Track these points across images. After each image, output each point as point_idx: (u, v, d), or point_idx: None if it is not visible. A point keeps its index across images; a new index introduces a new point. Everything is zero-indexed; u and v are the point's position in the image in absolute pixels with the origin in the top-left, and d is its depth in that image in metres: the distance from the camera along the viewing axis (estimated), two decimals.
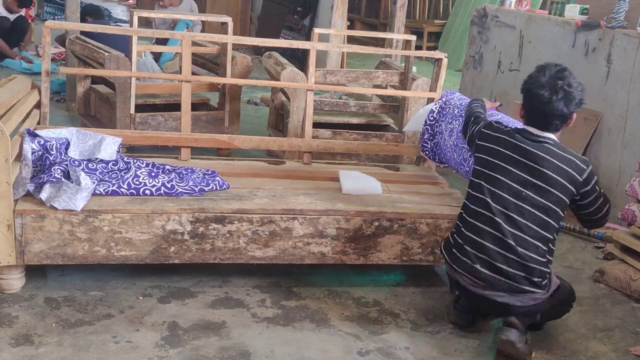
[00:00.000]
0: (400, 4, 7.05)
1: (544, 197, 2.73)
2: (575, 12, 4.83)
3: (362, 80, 4.81)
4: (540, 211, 2.73)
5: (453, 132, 3.53)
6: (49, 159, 3.06)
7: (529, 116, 2.84)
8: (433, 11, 11.98)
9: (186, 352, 2.64)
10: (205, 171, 3.38)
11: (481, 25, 5.68)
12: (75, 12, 5.72)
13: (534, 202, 2.73)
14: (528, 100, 2.82)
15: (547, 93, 2.73)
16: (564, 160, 2.74)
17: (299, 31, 9.63)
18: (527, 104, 2.83)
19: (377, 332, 2.93)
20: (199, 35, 4.13)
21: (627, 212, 3.57)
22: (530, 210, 2.73)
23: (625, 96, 4.30)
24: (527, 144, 2.78)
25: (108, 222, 2.92)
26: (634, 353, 2.95)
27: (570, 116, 2.79)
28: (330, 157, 4.45)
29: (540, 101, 2.74)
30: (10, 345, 2.58)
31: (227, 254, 3.09)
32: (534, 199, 2.73)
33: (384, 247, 3.24)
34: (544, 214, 2.74)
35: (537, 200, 2.73)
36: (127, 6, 13.62)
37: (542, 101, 2.74)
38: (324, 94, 6.19)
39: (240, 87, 5.01)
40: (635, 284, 3.46)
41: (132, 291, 3.06)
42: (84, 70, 4.77)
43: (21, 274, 2.97)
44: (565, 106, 2.74)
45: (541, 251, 2.74)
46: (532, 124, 2.83)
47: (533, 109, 2.80)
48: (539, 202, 2.73)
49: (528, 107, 2.83)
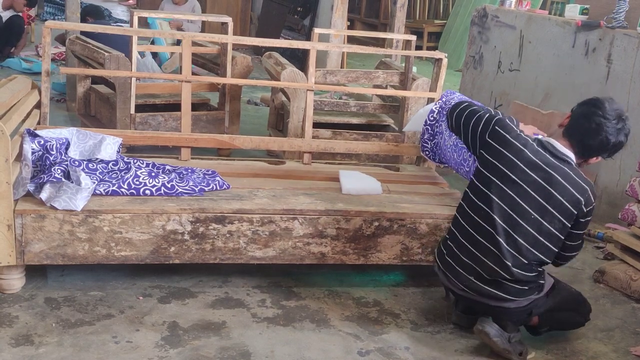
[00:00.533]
0: (401, 4, 7.05)
1: (550, 224, 2.64)
2: (576, 12, 4.83)
3: (362, 81, 4.81)
4: (544, 236, 2.65)
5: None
6: (49, 159, 3.06)
7: (574, 131, 2.72)
8: (433, 11, 11.98)
9: (186, 352, 2.64)
10: (206, 171, 3.38)
11: (481, 25, 5.68)
12: (76, 12, 5.72)
13: (540, 227, 2.64)
14: (586, 117, 2.69)
15: (615, 120, 2.65)
16: (578, 187, 2.65)
17: (299, 31, 9.63)
18: (582, 120, 2.70)
19: (377, 332, 2.93)
20: (199, 35, 4.13)
21: (627, 212, 3.57)
22: (534, 234, 2.64)
23: (626, 96, 4.30)
24: (546, 161, 2.67)
25: (108, 222, 2.92)
26: (634, 353, 2.95)
27: (609, 151, 2.72)
28: (331, 157, 4.45)
29: (601, 123, 2.65)
30: (11, 345, 2.58)
31: (227, 254, 3.09)
32: (541, 224, 2.63)
33: (384, 247, 3.24)
34: (547, 240, 2.66)
35: (544, 225, 2.64)
36: (127, 6, 13.61)
37: (604, 124, 2.65)
38: (324, 94, 6.19)
39: (240, 87, 5.01)
40: (635, 284, 3.46)
41: (132, 291, 3.06)
42: (84, 71, 4.77)
43: (21, 274, 2.97)
44: (617, 139, 2.67)
45: (535, 268, 2.70)
46: (570, 139, 2.72)
47: (585, 126, 2.68)
48: (545, 227, 2.64)
49: (582, 122, 2.70)
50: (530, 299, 2.74)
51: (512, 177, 2.68)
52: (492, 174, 2.73)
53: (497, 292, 2.70)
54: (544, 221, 2.64)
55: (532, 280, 2.71)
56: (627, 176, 4.20)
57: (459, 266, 2.77)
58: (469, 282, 2.74)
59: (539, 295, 2.76)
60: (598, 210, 4.42)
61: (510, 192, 2.67)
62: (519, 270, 2.66)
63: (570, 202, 2.63)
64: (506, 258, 2.65)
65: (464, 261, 2.75)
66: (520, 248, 2.65)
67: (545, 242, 2.66)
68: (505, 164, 2.70)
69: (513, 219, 2.66)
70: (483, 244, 2.70)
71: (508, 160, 2.70)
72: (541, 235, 2.65)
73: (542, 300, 2.79)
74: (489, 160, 2.75)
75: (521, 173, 2.67)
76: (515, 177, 2.67)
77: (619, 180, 4.32)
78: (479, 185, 2.76)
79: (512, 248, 2.66)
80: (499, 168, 2.71)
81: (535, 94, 4.98)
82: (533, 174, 2.66)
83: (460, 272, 2.76)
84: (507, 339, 2.73)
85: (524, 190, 2.66)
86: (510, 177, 2.68)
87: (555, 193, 2.63)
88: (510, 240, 2.66)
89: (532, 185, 2.65)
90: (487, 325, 2.73)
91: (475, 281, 2.72)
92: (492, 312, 2.79)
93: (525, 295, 2.71)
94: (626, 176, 4.21)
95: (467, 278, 2.74)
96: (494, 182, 2.70)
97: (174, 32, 5.56)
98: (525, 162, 2.68)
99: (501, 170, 2.70)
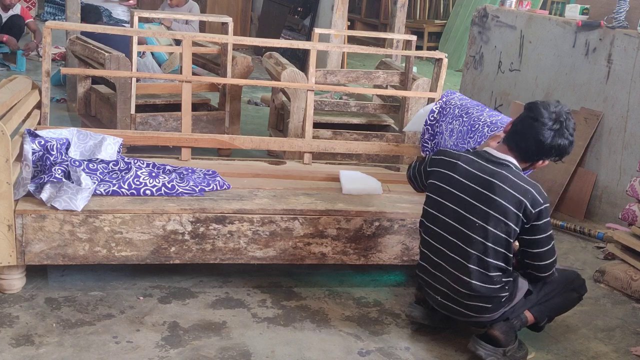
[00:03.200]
0: (401, 4, 7.05)
1: (496, 228, 2.59)
2: (576, 12, 4.83)
3: (363, 81, 4.81)
4: (492, 241, 2.60)
5: (453, 132, 3.54)
6: (49, 159, 3.06)
7: (510, 135, 2.69)
8: (433, 11, 11.98)
9: (187, 352, 2.64)
10: (206, 171, 3.38)
11: (482, 26, 5.68)
12: (76, 12, 5.73)
13: (486, 233, 2.60)
14: (521, 121, 2.67)
15: (550, 122, 2.61)
16: (519, 189, 2.60)
17: (299, 31, 9.63)
18: (517, 124, 2.68)
19: (378, 332, 2.93)
20: (199, 35, 4.14)
21: (628, 213, 3.57)
22: (482, 242, 2.61)
23: (626, 96, 4.30)
24: (482, 168, 2.66)
25: (109, 222, 2.93)
26: (634, 353, 2.95)
27: (550, 154, 2.67)
28: (331, 157, 4.45)
29: (533, 126, 2.62)
30: (11, 345, 2.58)
31: (228, 254, 3.09)
32: (487, 230, 2.60)
33: (385, 247, 3.24)
34: (496, 245, 2.61)
35: (489, 231, 2.60)
36: (127, 6, 13.61)
37: (536, 127, 2.61)
38: (324, 94, 6.19)
39: (240, 87, 5.02)
40: (635, 284, 3.45)
41: (133, 291, 3.06)
42: (85, 71, 4.77)
43: (22, 274, 2.97)
44: (554, 142, 2.62)
45: (497, 279, 2.65)
46: (508, 143, 2.69)
47: (519, 129, 2.66)
48: (491, 232, 2.60)
49: (516, 127, 2.68)
50: (501, 312, 2.73)
51: (452, 192, 2.70)
52: (435, 194, 2.77)
53: (464, 311, 2.71)
54: (489, 226, 2.61)
55: (496, 295, 2.66)
56: (627, 176, 4.20)
57: (427, 286, 2.82)
58: (437, 302, 2.79)
59: (510, 306, 2.73)
60: (598, 210, 4.43)
61: (454, 206, 2.69)
62: (480, 283, 2.64)
63: (512, 204, 2.59)
64: (464, 274, 2.65)
65: (429, 282, 2.80)
66: (474, 259, 2.63)
67: (495, 247, 2.62)
68: (444, 181, 2.74)
69: (461, 232, 2.66)
70: (442, 265, 2.73)
71: (444, 177, 2.74)
72: (489, 241, 2.61)
73: (520, 304, 2.77)
74: (432, 184, 2.81)
75: (459, 185, 2.69)
76: (455, 191, 2.69)
77: (620, 180, 4.32)
78: (428, 209, 2.81)
79: (467, 261, 2.64)
80: (439, 187, 2.76)
81: (535, 94, 4.98)
82: (471, 184, 2.66)
83: (429, 292, 2.82)
84: (501, 354, 2.72)
85: (465, 201, 2.66)
86: (450, 192, 2.71)
87: (495, 197, 2.60)
88: (463, 254, 2.65)
89: (473, 195, 2.65)
90: (479, 347, 2.73)
91: (442, 300, 2.75)
92: (470, 323, 2.83)
93: (490, 312, 2.70)
94: (626, 176, 4.22)
95: (434, 298, 2.79)
96: (438, 201, 2.75)
97: (174, 33, 5.56)
98: (461, 174, 2.70)
99: (442, 188, 2.74)
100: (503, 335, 2.72)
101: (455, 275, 2.68)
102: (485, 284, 2.64)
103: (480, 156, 2.72)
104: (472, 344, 2.75)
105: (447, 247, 2.71)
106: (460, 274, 2.66)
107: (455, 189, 2.70)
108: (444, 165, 2.78)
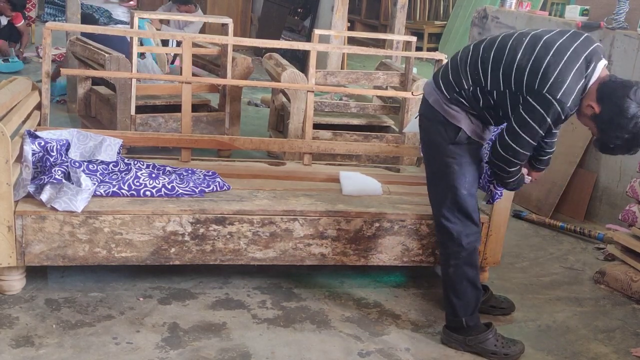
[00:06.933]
0: (401, 5, 7.05)
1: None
2: (576, 13, 4.83)
3: (363, 82, 4.81)
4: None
5: None
6: (49, 160, 3.06)
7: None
8: (433, 12, 11.98)
9: (187, 353, 2.64)
10: (206, 172, 3.38)
11: (481, 27, 5.68)
12: (76, 13, 5.73)
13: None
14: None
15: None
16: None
17: (299, 32, 9.64)
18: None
19: (378, 333, 2.93)
20: (199, 36, 4.14)
21: (628, 213, 3.57)
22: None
23: None
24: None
25: (108, 223, 2.92)
26: (635, 354, 2.94)
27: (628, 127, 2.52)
28: (331, 158, 4.45)
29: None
30: (11, 346, 2.58)
31: (228, 255, 3.09)
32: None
33: (385, 248, 3.24)
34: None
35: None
36: (127, 7, 13.63)
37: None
38: (324, 95, 6.19)
39: (240, 88, 5.02)
40: (635, 285, 3.45)
41: (133, 292, 3.06)
42: (85, 72, 4.77)
43: (22, 275, 2.97)
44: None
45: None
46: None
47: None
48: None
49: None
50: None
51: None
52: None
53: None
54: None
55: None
56: (627, 177, 4.20)
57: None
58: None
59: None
60: (598, 211, 4.43)
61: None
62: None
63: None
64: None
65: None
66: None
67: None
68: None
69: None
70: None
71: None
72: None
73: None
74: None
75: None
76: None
77: (620, 181, 4.32)
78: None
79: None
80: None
81: None
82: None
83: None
84: (463, 342, 2.82)
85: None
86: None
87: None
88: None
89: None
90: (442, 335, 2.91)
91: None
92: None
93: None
94: (626, 177, 4.21)
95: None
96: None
97: (174, 33, 5.56)
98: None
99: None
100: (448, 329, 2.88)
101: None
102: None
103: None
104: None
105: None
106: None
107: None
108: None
